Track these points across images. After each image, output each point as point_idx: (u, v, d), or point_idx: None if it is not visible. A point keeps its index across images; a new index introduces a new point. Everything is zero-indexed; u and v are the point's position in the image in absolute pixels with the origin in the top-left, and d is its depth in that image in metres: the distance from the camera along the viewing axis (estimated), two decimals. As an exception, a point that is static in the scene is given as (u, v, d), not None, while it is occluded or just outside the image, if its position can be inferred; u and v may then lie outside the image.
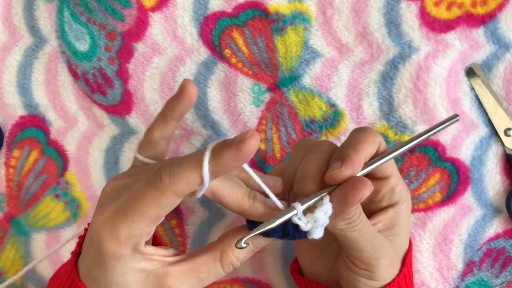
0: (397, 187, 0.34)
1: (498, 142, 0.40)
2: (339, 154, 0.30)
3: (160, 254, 0.30)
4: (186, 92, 0.33)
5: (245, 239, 0.28)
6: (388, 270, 0.33)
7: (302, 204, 0.28)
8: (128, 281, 0.29)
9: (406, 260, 0.34)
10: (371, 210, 0.34)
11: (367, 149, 0.30)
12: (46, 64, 0.45)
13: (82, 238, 0.32)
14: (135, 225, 0.27)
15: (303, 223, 0.28)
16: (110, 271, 0.29)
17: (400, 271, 0.34)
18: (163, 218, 0.29)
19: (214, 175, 0.27)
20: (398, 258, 0.34)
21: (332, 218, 0.29)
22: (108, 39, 0.43)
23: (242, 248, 0.28)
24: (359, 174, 0.30)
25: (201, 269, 0.30)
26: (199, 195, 0.28)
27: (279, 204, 0.29)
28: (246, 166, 0.28)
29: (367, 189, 0.28)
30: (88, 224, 0.31)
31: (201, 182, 0.26)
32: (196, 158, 0.26)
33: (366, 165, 0.30)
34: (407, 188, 0.35)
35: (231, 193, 0.29)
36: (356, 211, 0.30)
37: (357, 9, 0.40)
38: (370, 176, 0.31)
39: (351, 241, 0.31)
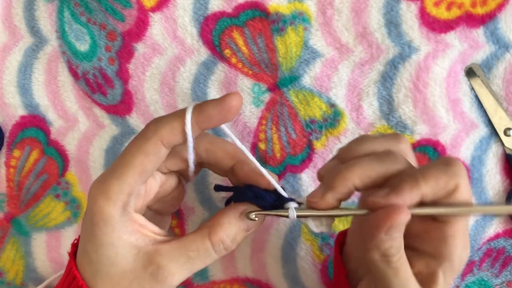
0: (453, 239, 0.28)
1: (498, 142, 0.40)
2: (397, 180, 0.27)
3: (151, 230, 0.30)
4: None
5: (254, 213, 0.30)
6: None
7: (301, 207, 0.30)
8: (118, 256, 0.29)
9: None
10: (414, 247, 0.30)
11: (429, 188, 0.27)
12: (47, 64, 0.45)
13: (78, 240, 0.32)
14: (124, 179, 0.28)
15: (292, 214, 0.29)
16: (99, 238, 0.29)
17: None
18: (150, 174, 0.29)
19: (197, 124, 0.29)
20: None
21: (365, 244, 0.27)
22: (108, 39, 0.43)
23: (252, 219, 0.29)
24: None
25: (190, 247, 0.30)
26: (190, 152, 0.30)
27: (263, 170, 0.30)
28: (225, 127, 0.30)
29: (401, 217, 0.26)
30: None
31: (184, 130, 0.28)
32: (180, 110, 0.29)
33: (422, 207, 0.27)
34: (466, 244, 0.29)
35: (224, 147, 0.31)
36: (393, 244, 0.27)
37: (357, 9, 0.40)
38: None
39: (383, 276, 0.28)
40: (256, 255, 0.43)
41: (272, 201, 0.30)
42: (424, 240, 0.29)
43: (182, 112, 0.29)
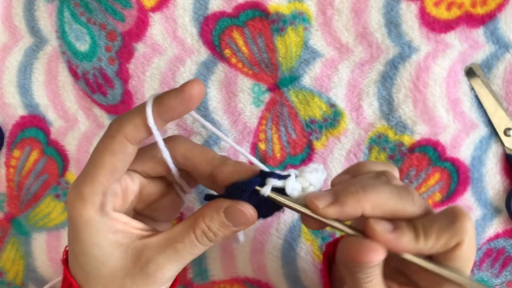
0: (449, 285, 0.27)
1: (498, 142, 0.40)
2: (399, 227, 0.27)
3: (135, 227, 0.30)
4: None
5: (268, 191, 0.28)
6: None
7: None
8: (106, 255, 0.29)
9: None
10: (413, 282, 0.29)
11: (429, 245, 0.26)
12: (47, 64, 0.45)
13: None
14: (95, 179, 0.28)
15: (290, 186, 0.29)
16: (85, 241, 0.29)
17: None
18: (122, 172, 0.29)
19: (160, 117, 0.28)
20: None
21: (345, 261, 0.27)
22: (109, 39, 0.43)
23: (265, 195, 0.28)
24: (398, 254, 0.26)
25: (176, 238, 0.29)
26: (162, 147, 0.29)
27: (252, 158, 0.30)
28: (194, 114, 0.30)
29: (371, 259, 0.26)
30: None
31: (147, 124, 0.28)
32: (141, 104, 0.28)
33: (422, 258, 0.27)
34: None
35: (202, 153, 0.30)
36: (366, 279, 0.27)
37: (357, 9, 0.40)
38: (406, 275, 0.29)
39: None
40: (256, 255, 0.43)
41: (257, 184, 0.29)
42: (421, 276, 0.29)
43: (143, 106, 0.28)
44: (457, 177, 0.40)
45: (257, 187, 0.29)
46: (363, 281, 0.27)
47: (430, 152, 0.40)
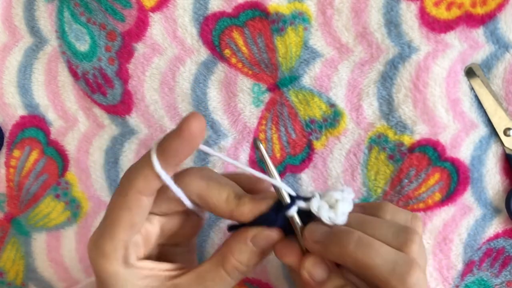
0: None
1: (497, 142, 0.40)
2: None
3: (163, 269, 0.30)
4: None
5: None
6: None
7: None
8: None
9: None
10: None
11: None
12: (46, 64, 0.45)
13: None
14: (115, 237, 0.28)
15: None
16: None
17: None
18: (141, 225, 0.29)
19: (167, 163, 0.27)
20: None
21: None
22: (108, 39, 0.43)
23: (257, 146, 0.29)
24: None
25: (207, 277, 0.29)
26: (178, 192, 0.29)
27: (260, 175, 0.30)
28: (202, 147, 0.29)
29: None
30: None
31: (155, 173, 0.27)
32: (145, 154, 0.28)
33: None
34: None
35: (218, 193, 0.30)
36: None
37: (357, 9, 0.40)
38: None
39: None
40: (256, 255, 0.43)
41: (282, 215, 0.29)
42: None
43: (147, 156, 0.28)
44: (457, 177, 0.40)
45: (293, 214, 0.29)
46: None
47: (430, 152, 0.40)
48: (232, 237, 0.30)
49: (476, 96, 0.40)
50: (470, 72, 0.40)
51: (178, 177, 0.30)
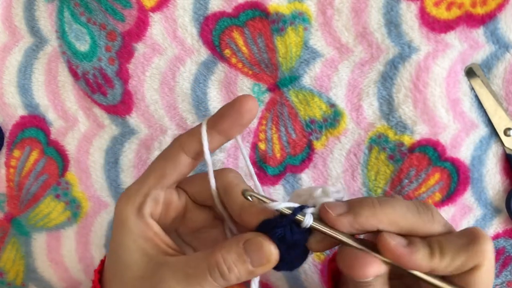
0: None
1: (498, 142, 0.40)
2: (414, 244, 0.26)
3: (164, 241, 0.30)
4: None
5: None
6: None
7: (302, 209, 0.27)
8: (132, 261, 0.29)
9: None
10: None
11: (443, 265, 0.25)
12: (47, 64, 0.45)
13: (105, 256, 0.32)
14: (143, 180, 0.30)
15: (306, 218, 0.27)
16: (119, 240, 0.29)
17: None
18: (170, 180, 0.30)
19: (215, 128, 0.29)
20: None
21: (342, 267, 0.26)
22: (109, 39, 0.43)
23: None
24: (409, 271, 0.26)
25: (190, 263, 0.28)
26: (207, 152, 0.30)
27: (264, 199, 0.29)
28: (239, 138, 0.31)
29: (367, 272, 0.25)
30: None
31: (200, 132, 0.29)
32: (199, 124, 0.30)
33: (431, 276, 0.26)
34: None
35: (239, 190, 0.29)
36: (369, 283, 0.26)
37: (357, 9, 0.40)
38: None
39: None
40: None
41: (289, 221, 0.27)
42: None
43: (204, 120, 0.30)
44: (457, 177, 0.40)
45: (299, 216, 0.27)
46: None
47: (430, 152, 0.40)
48: (229, 240, 0.29)
49: (476, 96, 0.40)
50: (470, 72, 0.40)
51: (218, 170, 0.32)
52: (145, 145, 0.43)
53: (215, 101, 0.42)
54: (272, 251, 0.27)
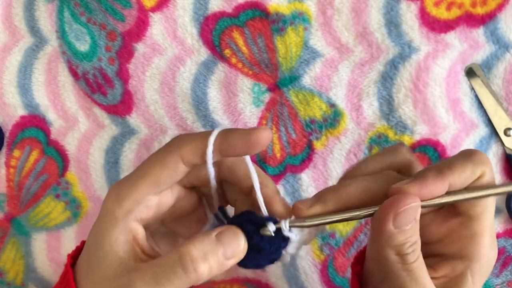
0: (480, 237, 0.27)
1: (498, 142, 0.40)
2: (421, 172, 0.27)
3: (141, 247, 0.29)
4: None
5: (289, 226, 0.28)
6: None
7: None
8: (107, 260, 0.28)
9: None
10: (439, 253, 0.29)
11: (457, 176, 0.26)
12: (47, 64, 0.45)
13: (83, 242, 0.32)
14: (137, 185, 0.28)
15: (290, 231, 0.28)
16: (100, 236, 0.28)
17: None
18: (164, 187, 0.29)
19: (218, 150, 0.28)
20: None
21: (377, 244, 0.26)
22: (109, 39, 0.43)
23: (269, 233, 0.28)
24: (429, 202, 0.26)
25: (159, 262, 0.27)
26: (211, 170, 0.29)
27: (264, 210, 0.29)
28: (248, 159, 0.29)
29: (403, 204, 0.25)
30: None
31: (204, 152, 0.28)
32: (207, 131, 0.28)
33: (449, 194, 0.26)
34: (494, 246, 0.28)
35: (246, 168, 0.29)
36: (409, 239, 0.26)
37: (357, 9, 0.40)
38: (453, 206, 0.28)
39: (398, 282, 0.26)
40: (256, 255, 0.43)
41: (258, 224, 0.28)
42: (449, 243, 0.28)
43: (208, 134, 0.28)
44: (457, 177, 0.40)
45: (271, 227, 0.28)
46: (407, 259, 0.26)
47: (430, 152, 0.40)
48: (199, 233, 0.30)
49: (476, 96, 0.40)
50: (470, 72, 0.40)
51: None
52: (145, 145, 0.43)
53: (215, 101, 0.42)
54: (243, 244, 0.28)
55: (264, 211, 0.29)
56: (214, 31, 0.42)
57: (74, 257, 0.31)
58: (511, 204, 0.40)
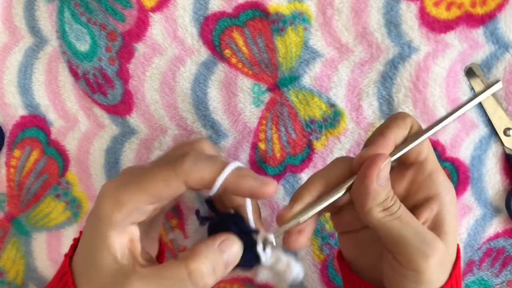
0: (435, 174, 0.31)
1: (497, 142, 0.40)
2: (367, 142, 0.31)
3: (138, 250, 0.29)
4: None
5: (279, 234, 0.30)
6: (437, 272, 0.29)
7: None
8: (104, 264, 0.28)
9: (455, 268, 0.31)
10: (412, 205, 0.31)
11: (396, 133, 0.30)
12: (47, 64, 0.45)
13: (76, 240, 0.32)
14: (139, 194, 0.28)
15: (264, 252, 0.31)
16: (99, 239, 0.28)
17: (451, 275, 0.30)
18: (160, 203, 0.29)
19: (225, 186, 0.28)
20: (450, 261, 0.30)
21: (363, 205, 0.29)
22: (109, 40, 0.43)
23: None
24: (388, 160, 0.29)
25: (163, 274, 0.28)
26: (211, 192, 0.29)
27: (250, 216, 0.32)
28: (248, 202, 0.31)
29: (382, 160, 0.28)
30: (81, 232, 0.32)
31: (212, 184, 0.28)
32: (221, 162, 0.29)
33: (397, 149, 0.30)
34: (448, 179, 0.32)
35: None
36: (389, 194, 0.29)
37: (357, 9, 0.40)
38: (403, 163, 0.32)
39: (394, 234, 0.29)
40: (256, 255, 0.43)
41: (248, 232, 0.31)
42: (415, 192, 0.31)
43: (221, 167, 0.28)
44: (457, 176, 0.40)
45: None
46: (393, 209, 0.29)
47: (430, 152, 0.40)
48: (201, 242, 0.30)
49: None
50: (470, 72, 0.40)
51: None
52: (145, 145, 0.43)
53: (215, 101, 0.42)
54: (240, 250, 0.30)
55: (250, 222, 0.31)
56: (214, 31, 0.42)
57: (71, 257, 0.31)
58: (511, 204, 0.40)
